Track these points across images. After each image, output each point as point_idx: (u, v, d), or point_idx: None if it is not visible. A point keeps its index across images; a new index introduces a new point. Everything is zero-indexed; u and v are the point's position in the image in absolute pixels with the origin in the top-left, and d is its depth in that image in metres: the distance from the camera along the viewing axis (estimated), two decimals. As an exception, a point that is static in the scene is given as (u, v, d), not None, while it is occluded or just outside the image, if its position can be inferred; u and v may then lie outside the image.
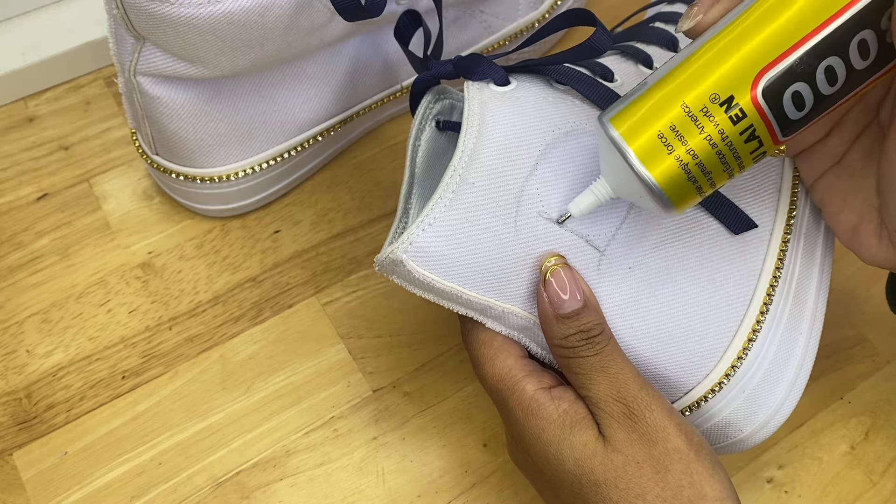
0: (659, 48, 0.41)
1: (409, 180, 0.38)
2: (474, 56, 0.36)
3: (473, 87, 0.35)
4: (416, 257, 0.32)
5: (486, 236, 0.33)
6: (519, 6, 0.53)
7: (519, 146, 0.33)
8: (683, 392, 0.36)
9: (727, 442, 0.37)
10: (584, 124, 0.35)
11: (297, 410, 0.43)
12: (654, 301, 0.35)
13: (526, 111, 0.34)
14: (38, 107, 0.53)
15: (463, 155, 0.32)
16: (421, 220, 0.32)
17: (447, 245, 0.32)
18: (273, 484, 0.41)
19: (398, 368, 0.45)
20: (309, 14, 0.41)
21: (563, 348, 0.33)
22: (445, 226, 0.32)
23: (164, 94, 0.42)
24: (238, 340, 0.45)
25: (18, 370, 0.43)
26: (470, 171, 0.32)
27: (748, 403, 0.36)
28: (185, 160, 0.45)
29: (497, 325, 0.35)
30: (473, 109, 0.34)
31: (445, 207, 0.32)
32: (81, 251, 0.47)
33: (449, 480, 0.42)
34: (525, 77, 0.36)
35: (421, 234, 0.32)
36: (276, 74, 0.44)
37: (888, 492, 0.42)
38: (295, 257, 0.48)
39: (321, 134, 0.48)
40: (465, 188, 0.32)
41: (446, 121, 0.39)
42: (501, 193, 0.33)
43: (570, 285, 0.33)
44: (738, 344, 0.36)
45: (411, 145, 0.38)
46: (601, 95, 0.36)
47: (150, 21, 0.38)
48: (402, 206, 0.37)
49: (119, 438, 0.42)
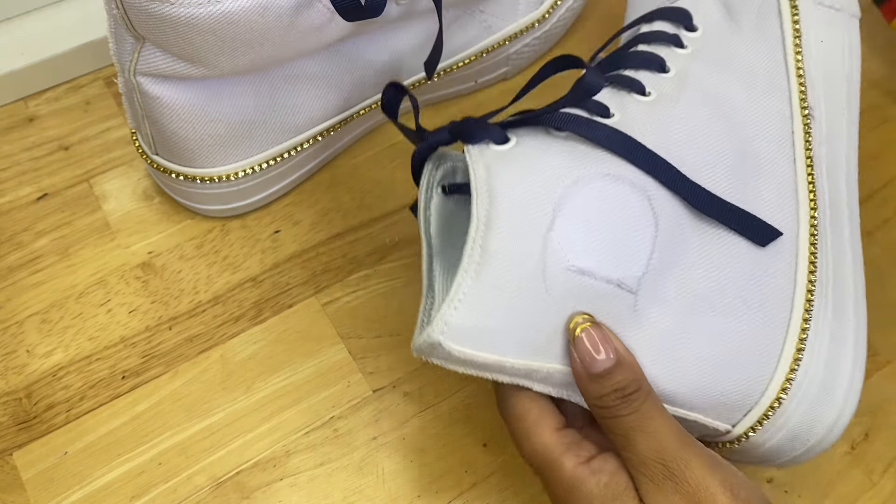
0: (648, 72, 0.40)
1: (428, 252, 0.37)
2: (468, 120, 0.36)
3: (474, 151, 0.34)
4: (453, 337, 0.31)
5: (518, 302, 0.32)
6: (519, 6, 0.53)
7: (532, 204, 0.33)
8: (744, 413, 0.36)
9: (796, 453, 0.36)
10: (591, 169, 0.34)
11: (297, 410, 0.43)
12: (696, 329, 0.35)
13: (532, 167, 0.34)
14: (38, 107, 0.53)
15: (479, 224, 0.32)
16: (451, 298, 0.31)
17: (482, 318, 0.32)
18: (273, 484, 0.41)
19: (398, 368, 0.45)
20: (309, 14, 0.41)
21: (600, 408, 0.32)
22: (476, 300, 0.31)
23: (164, 94, 0.42)
24: (238, 340, 0.45)
25: (18, 370, 0.43)
26: (489, 240, 0.32)
27: (811, 412, 0.36)
28: (185, 160, 0.45)
29: (542, 386, 0.34)
30: (479, 175, 0.33)
31: (472, 280, 0.31)
32: (81, 251, 0.47)
33: (449, 480, 0.42)
34: (523, 131, 0.36)
35: (454, 313, 0.31)
36: (276, 74, 0.44)
37: (888, 492, 0.42)
38: (295, 257, 0.48)
39: (321, 134, 0.48)
40: (488, 258, 0.32)
41: (451, 184, 0.38)
42: (525, 255, 0.32)
43: (601, 343, 0.32)
44: (788, 355, 0.36)
45: (422, 217, 0.38)
46: (603, 135, 0.35)
47: (150, 21, 0.38)
48: (427, 281, 0.36)
49: (119, 438, 0.42)
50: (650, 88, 0.39)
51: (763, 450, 0.37)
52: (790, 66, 0.42)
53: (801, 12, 0.43)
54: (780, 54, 0.42)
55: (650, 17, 0.44)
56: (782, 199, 0.38)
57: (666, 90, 0.39)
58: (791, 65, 0.42)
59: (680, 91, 0.39)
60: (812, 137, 0.40)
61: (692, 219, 0.36)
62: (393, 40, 0.48)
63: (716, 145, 0.38)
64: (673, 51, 0.41)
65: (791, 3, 0.43)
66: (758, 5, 0.43)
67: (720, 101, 0.40)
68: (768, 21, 0.43)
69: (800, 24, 0.43)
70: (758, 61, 0.42)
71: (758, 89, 0.41)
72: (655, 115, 0.38)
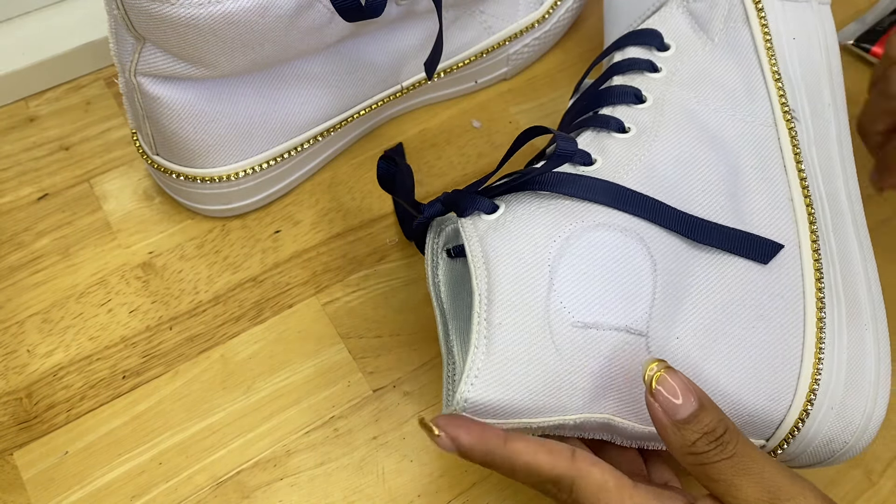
0: (625, 106, 0.40)
1: (442, 319, 0.38)
2: (457, 192, 0.37)
3: (468, 223, 0.35)
4: (475, 412, 0.32)
5: (531, 368, 0.32)
6: (519, 6, 0.53)
7: (529, 269, 0.34)
8: (775, 426, 0.36)
9: (834, 456, 0.37)
10: (580, 223, 0.35)
11: (298, 410, 0.43)
12: (712, 361, 0.35)
13: (523, 233, 0.35)
14: (38, 107, 0.53)
15: (481, 299, 0.33)
16: (466, 375, 0.32)
17: (499, 391, 0.32)
18: (273, 483, 0.41)
19: (398, 368, 0.45)
20: (309, 14, 0.41)
21: (693, 455, 0.31)
22: (490, 374, 0.32)
23: (164, 95, 0.42)
24: (238, 340, 0.45)
25: (19, 370, 0.43)
26: (493, 313, 0.33)
27: (841, 416, 0.36)
28: (185, 160, 0.45)
29: (576, 432, 0.35)
30: (475, 249, 0.34)
31: (484, 355, 0.32)
32: (82, 251, 0.47)
33: (449, 480, 0.42)
34: (510, 197, 0.36)
35: (471, 390, 0.32)
36: (276, 74, 0.44)
37: (887, 491, 0.42)
38: (295, 257, 0.48)
39: (321, 134, 0.48)
40: (495, 331, 0.32)
41: (455, 247, 0.39)
42: (530, 321, 0.33)
43: (679, 388, 0.31)
44: (808, 363, 0.36)
45: (432, 284, 0.39)
46: (587, 189, 0.36)
47: (150, 21, 0.38)
48: (445, 347, 0.37)
49: (119, 438, 0.42)
50: (629, 124, 0.39)
51: (803, 457, 0.37)
52: (766, 70, 0.42)
53: (768, 12, 0.43)
54: (755, 60, 0.42)
55: (621, 44, 0.44)
56: (778, 210, 0.38)
57: (645, 123, 0.39)
58: (766, 69, 0.42)
59: (659, 121, 0.39)
60: (799, 140, 0.40)
61: (690, 249, 0.36)
62: (393, 41, 0.48)
63: (703, 170, 0.38)
64: (647, 77, 0.42)
65: (756, 6, 0.43)
66: (725, 13, 0.43)
67: (701, 122, 0.40)
68: (737, 28, 0.43)
69: (768, 26, 0.42)
70: (733, 72, 0.42)
71: (738, 101, 0.41)
72: (638, 153, 0.38)
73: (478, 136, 0.53)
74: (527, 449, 0.32)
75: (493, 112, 0.54)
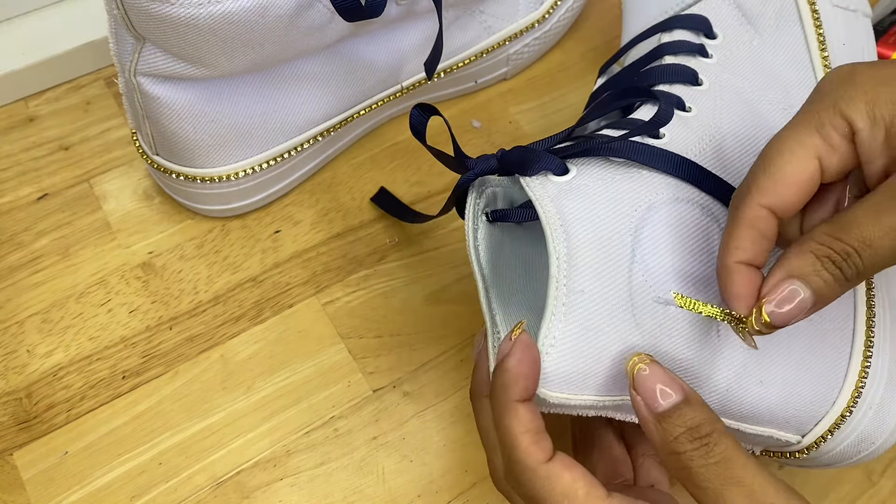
0: (683, 86, 0.39)
1: (484, 285, 0.35)
2: (521, 149, 0.34)
3: (535, 183, 0.33)
4: (548, 384, 0.30)
5: (609, 340, 0.31)
6: (519, 6, 0.53)
7: (611, 237, 0.32)
8: (815, 423, 0.36)
9: (860, 455, 0.36)
10: (661, 195, 0.34)
11: (298, 410, 0.43)
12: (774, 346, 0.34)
13: (602, 198, 0.33)
14: (38, 107, 0.53)
15: (560, 263, 0.31)
16: (541, 343, 0.30)
17: (575, 361, 0.31)
18: (273, 483, 0.41)
19: (398, 368, 0.45)
20: (309, 14, 0.41)
21: (676, 455, 0.29)
22: (568, 343, 0.30)
23: (164, 95, 0.42)
24: (238, 340, 0.45)
25: (19, 370, 0.43)
26: (573, 279, 0.31)
27: (877, 417, 0.35)
28: (185, 160, 0.45)
29: (629, 415, 0.34)
30: (549, 210, 0.32)
31: (562, 323, 0.30)
32: (82, 251, 0.47)
33: (449, 480, 0.42)
34: (581, 160, 0.34)
35: (547, 359, 0.30)
36: (276, 74, 0.44)
37: (887, 491, 0.42)
38: (295, 257, 0.48)
39: (321, 134, 0.48)
40: (575, 297, 0.31)
41: (493, 211, 0.37)
42: (611, 291, 0.31)
43: (662, 380, 0.30)
44: (856, 363, 0.35)
45: (472, 248, 0.36)
46: (666, 161, 0.34)
47: (150, 21, 0.38)
48: (489, 315, 0.35)
49: (119, 438, 0.42)
50: (689, 103, 0.38)
51: (829, 456, 0.37)
52: (818, 70, 0.41)
53: (822, 15, 0.43)
54: (807, 58, 0.42)
55: (667, 26, 0.43)
56: None
57: (705, 104, 0.38)
58: (819, 68, 0.41)
59: (720, 105, 0.39)
60: None
61: None
62: (393, 40, 0.48)
63: None
64: (701, 61, 0.41)
65: (811, 7, 0.43)
66: (776, 10, 0.43)
67: (757, 113, 0.39)
68: (788, 25, 0.42)
69: (822, 28, 0.42)
70: (785, 67, 0.41)
71: (791, 96, 0.40)
72: (707, 133, 0.37)
73: (478, 136, 0.53)
74: (520, 423, 0.30)
75: (493, 112, 0.54)
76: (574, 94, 0.56)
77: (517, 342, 0.30)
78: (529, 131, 0.54)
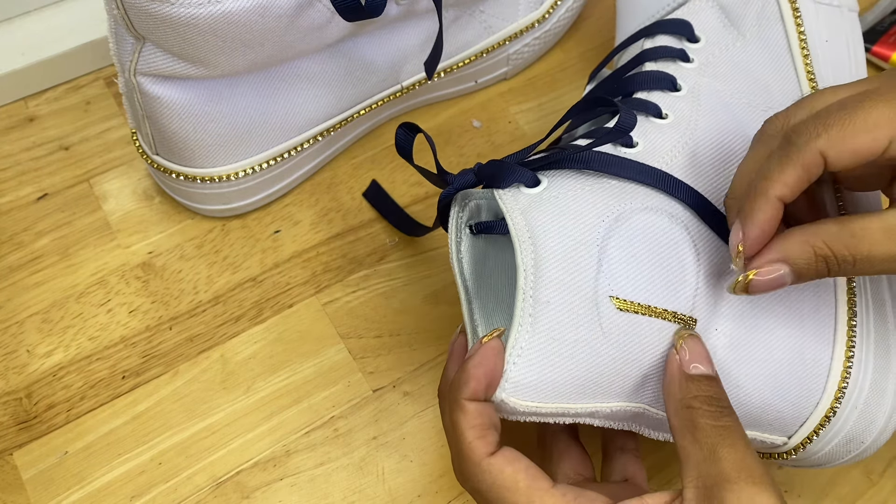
0: (661, 92, 0.40)
1: (466, 297, 0.36)
2: (494, 163, 0.35)
3: (507, 195, 0.34)
4: (515, 392, 0.31)
5: (576, 350, 0.32)
6: (519, 6, 0.53)
7: (577, 248, 0.32)
8: (799, 424, 0.36)
9: (850, 455, 0.37)
10: (629, 204, 0.34)
11: (297, 410, 0.43)
12: (752, 348, 0.35)
13: (570, 209, 0.33)
14: (38, 107, 0.53)
15: (527, 274, 0.31)
16: (509, 353, 0.31)
17: (542, 370, 0.31)
18: (273, 483, 0.41)
19: (398, 368, 0.45)
20: (309, 14, 0.41)
21: (688, 409, 0.31)
22: (534, 352, 0.31)
23: (164, 94, 0.42)
24: (238, 340, 0.45)
25: (19, 370, 0.43)
26: (539, 290, 0.31)
27: (864, 417, 0.36)
28: (185, 160, 0.45)
29: (606, 422, 0.34)
30: (518, 222, 0.33)
31: (528, 334, 0.31)
32: (81, 251, 0.47)
33: (449, 480, 0.42)
34: (552, 172, 0.35)
35: (513, 369, 0.31)
36: (276, 74, 0.44)
37: (887, 491, 0.42)
38: (295, 257, 0.48)
39: (321, 134, 0.48)
40: (541, 308, 0.31)
41: (478, 223, 0.38)
42: (577, 301, 0.32)
43: (703, 354, 0.32)
44: (838, 363, 0.36)
45: (455, 261, 0.37)
46: (636, 171, 0.35)
47: (150, 21, 0.38)
48: (470, 327, 0.36)
49: (119, 438, 0.42)
50: (666, 110, 0.39)
51: (818, 456, 0.37)
52: (800, 69, 0.41)
53: (804, 14, 0.43)
54: (788, 58, 0.42)
55: (650, 31, 0.43)
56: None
57: (683, 111, 0.39)
58: (801, 68, 0.41)
59: (697, 110, 0.39)
60: None
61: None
62: (393, 40, 0.48)
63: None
64: (681, 66, 0.41)
65: (792, 6, 0.43)
66: (758, 10, 0.43)
67: (736, 116, 0.39)
68: (770, 25, 0.43)
69: (804, 26, 0.42)
70: (766, 68, 0.41)
71: (771, 98, 0.41)
72: (681, 140, 0.37)
73: (478, 136, 0.53)
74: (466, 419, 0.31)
75: (493, 112, 0.54)
76: (574, 94, 0.56)
77: (484, 346, 0.31)
78: (529, 131, 0.54)
